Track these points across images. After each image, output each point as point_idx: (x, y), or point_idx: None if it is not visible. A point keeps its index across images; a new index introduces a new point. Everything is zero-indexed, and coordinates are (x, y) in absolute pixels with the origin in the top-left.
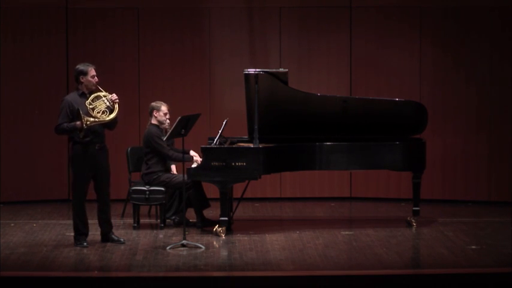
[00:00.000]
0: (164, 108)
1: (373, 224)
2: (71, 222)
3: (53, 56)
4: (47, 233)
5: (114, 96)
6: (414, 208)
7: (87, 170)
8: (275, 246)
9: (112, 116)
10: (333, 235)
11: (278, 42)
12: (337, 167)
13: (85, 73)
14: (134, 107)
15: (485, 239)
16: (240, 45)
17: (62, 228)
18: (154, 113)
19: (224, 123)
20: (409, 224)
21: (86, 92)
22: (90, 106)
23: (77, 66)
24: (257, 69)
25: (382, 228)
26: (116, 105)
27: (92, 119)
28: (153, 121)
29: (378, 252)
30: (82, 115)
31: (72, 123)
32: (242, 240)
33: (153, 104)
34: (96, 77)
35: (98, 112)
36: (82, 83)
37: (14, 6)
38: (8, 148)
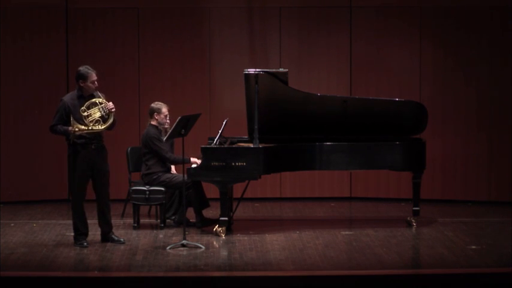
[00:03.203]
0: (165, 110)
1: (373, 224)
2: (71, 222)
3: (53, 56)
4: (47, 233)
5: (111, 105)
6: (414, 208)
7: (83, 170)
8: (275, 246)
9: (104, 126)
10: (333, 235)
11: (278, 42)
12: (337, 167)
13: (85, 78)
14: (134, 107)
15: (485, 239)
16: (240, 45)
17: (62, 228)
18: (155, 116)
19: (224, 123)
20: (409, 224)
21: (85, 95)
22: (84, 114)
23: (79, 69)
24: (257, 69)
25: (382, 228)
26: (111, 115)
27: (82, 127)
28: (153, 122)
29: (378, 252)
30: (73, 121)
31: (65, 128)
32: (242, 240)
33: (154, 106)
34: (96, 82)
35: (91, 121)
36: (81, 86)
37: (14, 6)
38: (8, 148)
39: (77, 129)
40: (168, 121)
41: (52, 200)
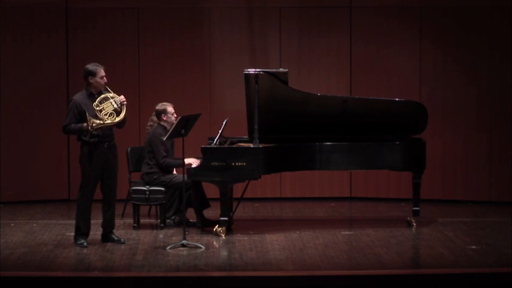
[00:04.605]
0: (170, 109)
1: (373, 224)
2: (71, 222)
3: (53, 56)
4: (47, 233)
5: (122, 98)
6: (414, 208)
7: (96, 170)
8: (275, 246)
9: (118, 118)
10: (333, 235)
11: (278, 42)
12: (337, 167)
13: (94, 74)
14: (134, 107)
15: (485, 239)
16: (240, 45)
17: (62, 228)
18: (162, 117)
19: (224, 123)
20: (409, 224)
21: (95, 92)
22: (98, 108)
23: (86, 66)
24: (257, 69)
25: (382, 228)
26: (124, 107)
27: (98, 121)
28: (162, 123)
29: (378, 252)
30: (88, 117)
31: (79, 125)
32: (242, 240)
33: (159, 108)
34: (105, 78)
35: (105, 114)
36: (91, 83)
37: (14, 6)
38: (8, 148)
39: (94, 124)
40: (175, 115)
41: (52, 200)
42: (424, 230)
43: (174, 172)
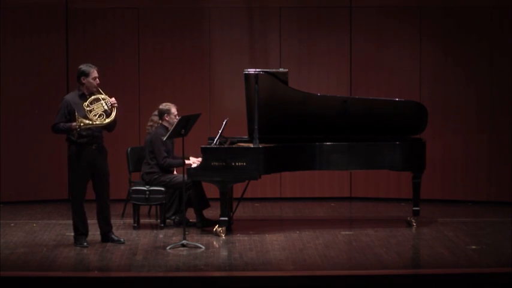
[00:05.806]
0: (174, 110)
1: (373, 224)
2: (71, 222)
3: (53, 56)
4: (47, 233)
5: (113, 100)
6: (414, 208)
7: (83, 171)
8: (275, 246)
9: (108, 120)
10: (333, 235)
11: (278, 42)
12: (337, 167)
13: (86, 74)
14: (134, 107)
15: (485, 239)
16: (240, 45)
17: (62, 228)
18: (165, 117)
19: (224, 123)
20: (409, 224)
21: (86, 93)
22: (88, 108)
23: (80, 67)
24: (257, 69)
25: (382, 228)
26: (114, 110)
27: (86, 122)
28: (164, 123)
29: (378, 252)
30: (77, 116)
31: (68, 124)
32: (242, 240)
33: (163, 107)
34: (97, 79)
35: (95, 115)
36: (83, 84)
37: (14, 6)
38: (8, 148)
39: (82, 124)
40: (178, 118)
41: (52, 200)
42: (424, 230)
43: (175, 172)
